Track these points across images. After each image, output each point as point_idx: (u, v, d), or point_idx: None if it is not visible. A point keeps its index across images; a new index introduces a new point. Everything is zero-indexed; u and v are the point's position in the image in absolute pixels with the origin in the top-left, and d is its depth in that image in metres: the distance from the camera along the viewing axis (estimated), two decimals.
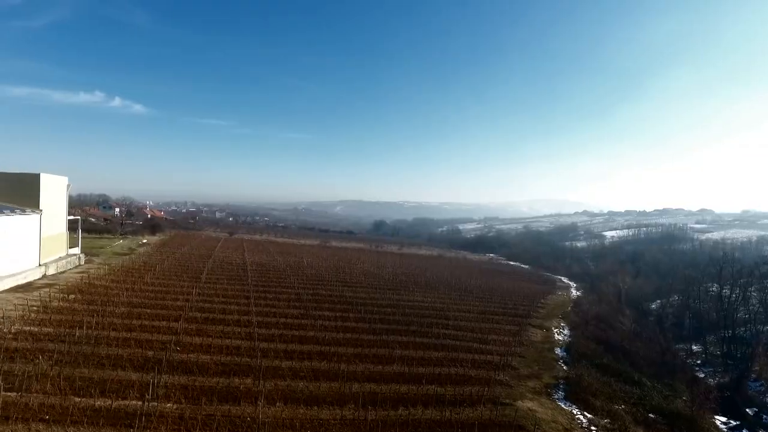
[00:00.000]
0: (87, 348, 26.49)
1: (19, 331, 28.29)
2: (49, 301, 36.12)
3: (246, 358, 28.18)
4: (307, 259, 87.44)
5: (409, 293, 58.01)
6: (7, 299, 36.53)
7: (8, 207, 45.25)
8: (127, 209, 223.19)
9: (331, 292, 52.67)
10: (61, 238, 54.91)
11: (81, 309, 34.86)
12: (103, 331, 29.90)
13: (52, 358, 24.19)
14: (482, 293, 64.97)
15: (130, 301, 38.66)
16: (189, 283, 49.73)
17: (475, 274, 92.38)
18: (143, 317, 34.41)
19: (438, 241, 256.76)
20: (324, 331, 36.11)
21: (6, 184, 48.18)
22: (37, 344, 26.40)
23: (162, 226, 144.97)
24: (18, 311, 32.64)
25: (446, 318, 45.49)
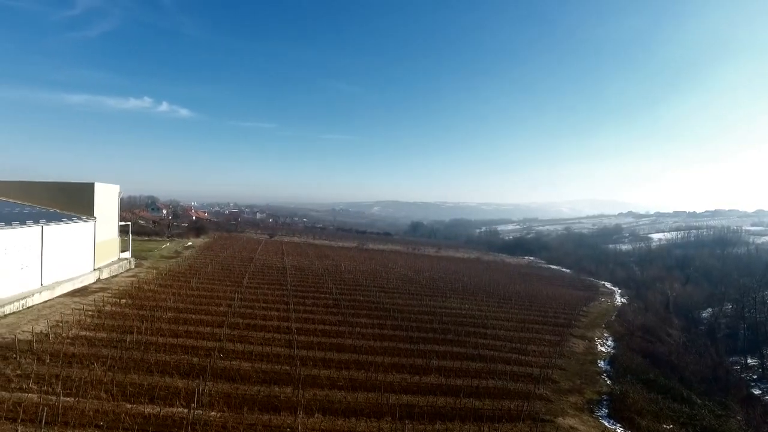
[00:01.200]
0: (137, 354, 27.82)
1: (76, 335, 29.99)
2: (102, 305, 38.16)
3: (285, 366, 28.81)
4: (344, 262, 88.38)
5: (447, 300, 57.67)
6: (66, 303, 38.85)
7: (66, 215, 48.09)
8: (173, 211, 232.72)
9: (369, 298, 53.05)
10: (113, 243, 57.85)
11: (131, 314, 36.60)
12: (152, 337, 31.31)
13: (106, 364, 25.54)
14: (521, 300, 63.81)
15: (177, 306, 40.26)
16: (232, 287, 51.33)
17: (513, 279, 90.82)
18: (189, 323, 35.80)
19: (475, 243, 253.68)
20: (361, 339, 36.44)
21: (64, 193, 51.27)
22: (92, 349, 27.92)
23: (206, 228, 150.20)
24: (75, 316, 34.64)
25: (484, 327, 44.98)
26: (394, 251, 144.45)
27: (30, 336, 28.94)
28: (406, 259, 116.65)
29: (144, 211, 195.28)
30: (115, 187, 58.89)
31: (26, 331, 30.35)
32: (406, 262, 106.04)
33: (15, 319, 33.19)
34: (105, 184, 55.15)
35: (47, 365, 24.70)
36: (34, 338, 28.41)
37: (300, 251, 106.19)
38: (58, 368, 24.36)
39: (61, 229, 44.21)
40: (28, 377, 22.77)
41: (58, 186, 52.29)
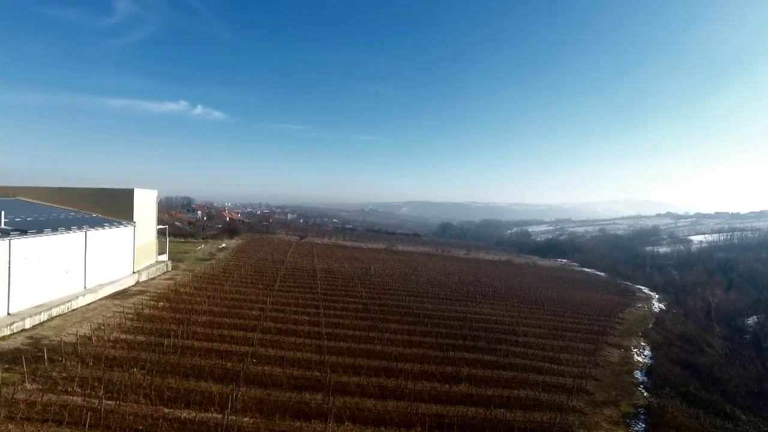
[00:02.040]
0: (174, 358, 28.72)
1: (117, 339, 31.21)
2: (141, 308, 39.57)
3: (316, 372, 29.16)
4: (373, 265, 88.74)
5: (477, 305, 57.12)
6: (107, 306, 40.49)
7: (107, 220, 50.10)
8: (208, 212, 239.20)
9: (398, 303, 53.11)
10: (151, 247, 59.89)
11: (168, 317, 37.80)
12: (188, 341, 32.25)
13: (145, 368, 26.47)
14: (554, 305, 62.57)
15: (211, 310, 41.35)
16: (264, 291, 52.35)
17: (546, 283, 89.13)
18: (223, 327, 36.70)
19: (506, 244, 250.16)
20: (391, 345, 36.51)
21: (105, 199, 53.44)
22: (132, 353, 28.98)
23: (239, 229, 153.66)
24: (116, 319, 36.05)
25: (515, 334, 44.35)
26: (424, 253, 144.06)
27: (74, 338, 30.29)
28: (436, 261, 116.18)
29: (180, 212, 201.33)
30: (153, 192, 60.96)
31: (71, 333, 31.79)
32: (435, 264, 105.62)
33: (61, 321, 34.83)
34: (144, 190, 57.15)
35: (90, 368, 25.79)
36: (78, 341, 29.71)
37: (330, 253, 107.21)
38: (101, 371, 25.40)
39: (102, 233, 46.07)
40: (73, 380, 23.83)
41: (99, 192, 54.55)
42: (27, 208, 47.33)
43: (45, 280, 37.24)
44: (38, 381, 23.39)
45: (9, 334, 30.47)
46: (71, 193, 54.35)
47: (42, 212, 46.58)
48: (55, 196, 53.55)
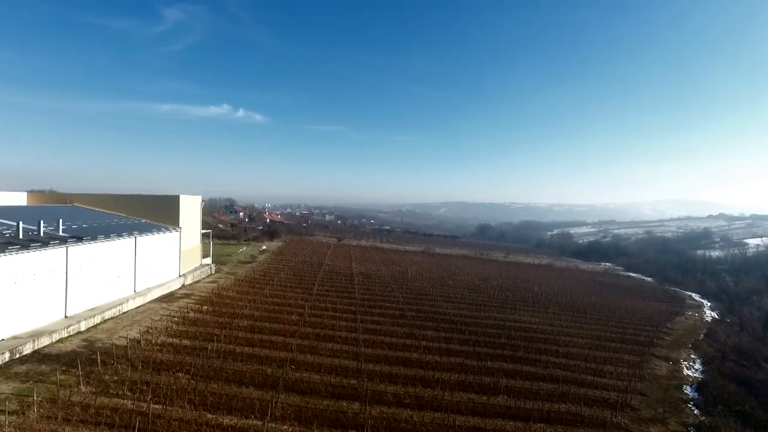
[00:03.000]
0: (217, 362, 29.67)
1: (164, 343, 32.54)
2: (186, 312, 41.12)
3: (353, 380, 29.43)
4: (411, 269, 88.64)
5: (516, 312, 56.05)
6: (155, 309, 42.31)
7: (155, 225, 52.34)
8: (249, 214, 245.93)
9: (435, 309, 52.84)
10: (196, 251, 62.13)
11: (212, 321, 39.10)
12: (230, 345, 33.27)
13: (189, 373, 27.48)
14: (597, 313, 60.58)
15: (252, 314, 42.44)
16: (302, 295, 53.28)
17: (588, 289, 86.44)
18: (263, 332, 37.63)
19: (547, 247, 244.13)
20: (427, 353, 36.39)
21: (153, 205, 55.89)
22: (177, 357, 30.15)
23: (279, 231, 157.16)
24: (163, 322, 37.63)
25: (556, 343, 43.23)
26: (461, 256, 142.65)
27: (125, 342, 31.82)
28: (474, 265, 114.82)
29: (223, 214, 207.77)
30: (197, 198, 63.24)
31: (122, 336, 33.41)
32: (473, 268, 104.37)
33: (113, 324, 36.65)
34: (188, 196, 59.39)
35: (139, 372, 27.01)
36: (128, 344, 31.18)
37: (367, 256, 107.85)
38: (149, 375, 26.57)
39: (150, 239, 48.16)
40: (123, 383, 25.03)
41: (147, 198, 57.11)
42: (82, 214, 50.07)
43: (98, 284, 39.28)
44: (92, 384, 24.69)
45: (66, 336, 32.33)
46: (122, 200, 57.15)
47: (96, 218, 49.16)
48: (107, 202, 56.45)
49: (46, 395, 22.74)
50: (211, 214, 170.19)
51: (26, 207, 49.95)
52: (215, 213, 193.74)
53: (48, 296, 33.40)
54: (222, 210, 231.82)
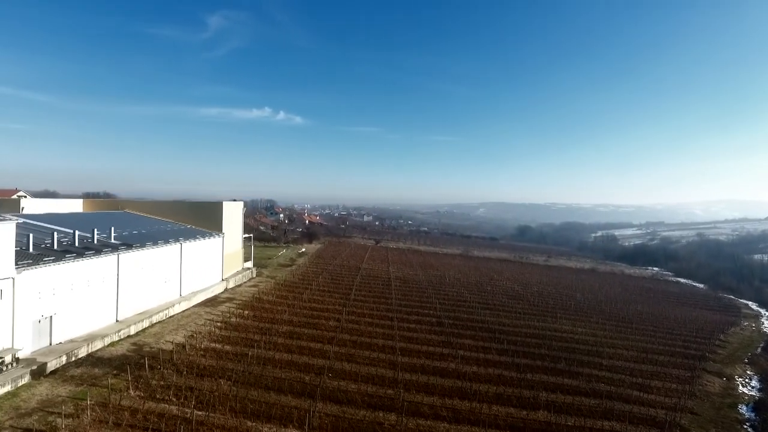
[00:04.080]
0: (257, 369, 30.38)
1: (207, 348, 33.63)
2: (228, 317, 42.36)
3: (389, 390, 29.42)
4: (448, 273, 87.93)
5: (557, 321, 54.57)
6: (199, 313, 43.80)
7: (199, 231, 54.21)
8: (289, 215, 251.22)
9: (473, 316, 52.17)
10: (238, 255, 63.94)
11: (252, 326, 40.09)
12: (269, 352, 33.98)
13: (231, 379, 28.27)
14: (644, 323, 58.12)
15: (291, 320, 43.24)
16: (340, 300, 53.84)
17: (634, 296, 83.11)
18: (302, 338, 38.25)
19: (590, 250, 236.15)
20: (465, 363, 35.95)
21: (197, 211, 57.94)
22: (220, 362, 31.08)
23: (317, 233, 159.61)
24: (206, 327, 38.90)
25: (600, 355, 41.74)
26: (500, 259, 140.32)
27: (171, 346, 33.10)
28: (513, 269, 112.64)
29: (264, 216, 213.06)
30: (239, 204, 65.11)
31: (168, 341, 34.78)
32: (512, 273, 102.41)
33: (160, 328, 38.21)
34: (231, 202, 61.28)
35: (184, 377, 28.02)
36: (174, 349, 32.42)
37: (404, 260, 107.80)
38: (192, 380, 27.53)
39: (195, 245, 49.91)
40: (169, 389, 26.02)
41: (192, 205, 59.31)
42: (132, 220, 52.49)
43: (147, 289, 41.06)
44: (140, 388, 25.80)
45: (117, 340, 33.96)
46: (168, 206, 59.55)
47: (144, 225, 51.40)
48: (155, 208, 58.95)
49: (98, 399, 23.94)
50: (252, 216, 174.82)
51: (82, 214, 52.83)
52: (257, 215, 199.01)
53: (101, 301, 35.19)
54: (263, 212, 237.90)
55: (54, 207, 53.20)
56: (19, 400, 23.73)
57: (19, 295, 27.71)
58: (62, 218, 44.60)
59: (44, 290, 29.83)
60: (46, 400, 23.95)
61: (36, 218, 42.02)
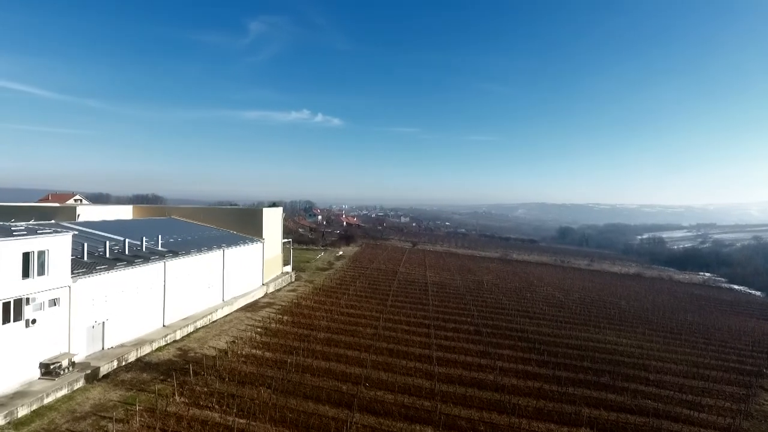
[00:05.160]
0: (296, 376, 30.93)
1: (248, 354, 34.52)
2: (268, 322, 43.33)
3: (426, 402, 29.27)
4: (486, 278, 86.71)
5: (600, 331, 52.79)
6: (240, 318, 45.04)
7: (241, 237, 55.75)
8: (327, 217, 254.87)
9: (512, 325, 51.22)
10: (277, 260, 65.33)
11: (291, 333, 40.86)
12: (308, 359, 34.52)
13: (271, 387, 28.88)
14: (694, 335, 55.37)
15: (329, 326, 43.77)
16: (377, 306, 54.08)
17: (683, 305, 79.31)
18: (339, 345, 38.66)
19: (635, 253, 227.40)
20: (503, 375, 35.35)
21: (238, 217, 59.63)
22: (260, 369, 31.84)
23: (355, 236, 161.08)
24: (247, 332, 39.95)
25: (646, 369, 40.06)
26: (540, 263, 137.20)
27: (214, 352, 34.20)
28: (554, 274, 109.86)
29: (302, 218, 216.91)
30: (279, 210, 66.58)
31: (211, 346, 35.93)
32: (553, 278, 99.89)
33: (203, 333, 39.52)
34: (271, 208, 62.83)
35: (226, 383, 28.86)
36: (217, 354, 33.47)
37: (441, 263, 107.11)
38: (234, 387, 28.33)
39: (237, 251, 51.35)
40: (212, 395, 26.88)
41: (234, 211, 61.11)
42: (178, 227, 54.53)
43: (191, 294, 42.57)
44: (185, 395, 26.77)
45: (164, 345, 35.37)
46: (211, 212, 61.58)
47: (189, 231, 53.31)
48: (199, 214, 61.06)
49: (146, 404, 25.01)
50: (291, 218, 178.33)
51: (131, 221, 55.30)
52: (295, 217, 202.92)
53: (148, 307, 36.76)
54: (302, 213, 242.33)
55: (106, 214, 55.98)
56: (75, 403, 25.12)
57: (74, 302, 29.33)
58: (113, 225, 46.87)
59: (97, 297, 31.44)
60: (98, 404, 25.23)
61: (90, 226, 44.35)
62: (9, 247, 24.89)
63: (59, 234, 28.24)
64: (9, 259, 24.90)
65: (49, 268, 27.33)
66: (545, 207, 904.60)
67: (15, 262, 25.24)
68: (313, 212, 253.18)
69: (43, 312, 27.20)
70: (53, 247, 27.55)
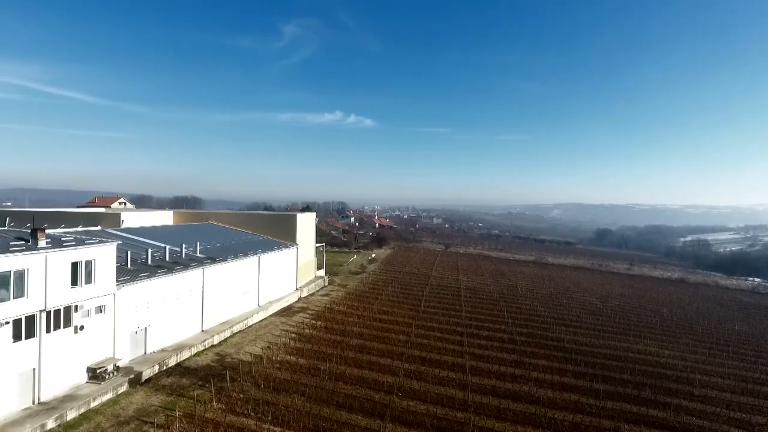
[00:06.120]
0: (329, 384, 31.23)
1: (283, 360, 35.10)
2: (302, 328, 43.96)
3: (459, 414, 28.99)
4: (520, 283, 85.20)
5: (641, 341, 50.96)
6: (275, 323, 45.86)
7: (275, 242, 56.79)
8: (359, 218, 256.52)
9: (547, 333, 50.12)
10: (311, 264, 66.21)
11: (325, 339, 41.30)
12: (341, 366, 34.80)
13: (305, 394, 29.27)
14: (743, 346, 52.70)
15: (362, 333, 44.00)
16: (410, 312, 54.01)
17: (731, 313, 75.62)
18: (372, 352, 38.80)
19: (678, 257, 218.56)
20: (539, 386, 34.61)
21: (273, 223, 60.84)
22: (294, 376, 32.31)
23: (387, 238, 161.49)
24: (282, 338, 40.64)
25: (690, 383, 38.39)
26: (576, 267, 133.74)
27: (249, 357, 34.95)
28: (591, 278, 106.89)
29: (335, 219, 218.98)
30: (312, 215, 67.54)
31: (247, 351, 36.74)
32: (590, 283, 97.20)
33: (240, 338, 40.46)
34: (304, 214, 63.82)
35: (261, 390, 29.43)
36: (253, 360, 34.19)
37: (475, 267, 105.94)
38: (269, 394, 28.85)
39: (272, 256, 52.34)
40: (248, 402, 27.47)
41: (269, 217, 62.39)
42: (216, 232, 56.06)
43: (228, 300, 43.67)
44: (222, 401, 27.46)
45: (202, 350, 36.42)
46: (247, 217, 63.10)
47: (226, 236, 54.71)
48: (235, 219, 62.64)
49: (185, 410, 25.80)
50: (324, 220, 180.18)
51: (172, 227, 57.07)
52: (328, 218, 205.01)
53: (188, 312, 37.93)
54: (334, 214, 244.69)
55: (148, 220, 58.09)
56: (119, 407, 26.18)
57: (119, 308, 30.59)
58: (155, 232, 48.61)
59: (140, 303, 32.69)
60: (141, 408, 26.21)
61: (133, 232, 46.16)
62: (59, 257, 26.20)
63: (105, 244, 29.50)
64: (59, 268, 26.21)
65: (96, 277, 28.60)
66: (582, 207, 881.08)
67: (65, 272, 26.55)
68: (345, 213, 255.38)
69: (90, 318, 28.49)
70: (99, 256, 28.81)
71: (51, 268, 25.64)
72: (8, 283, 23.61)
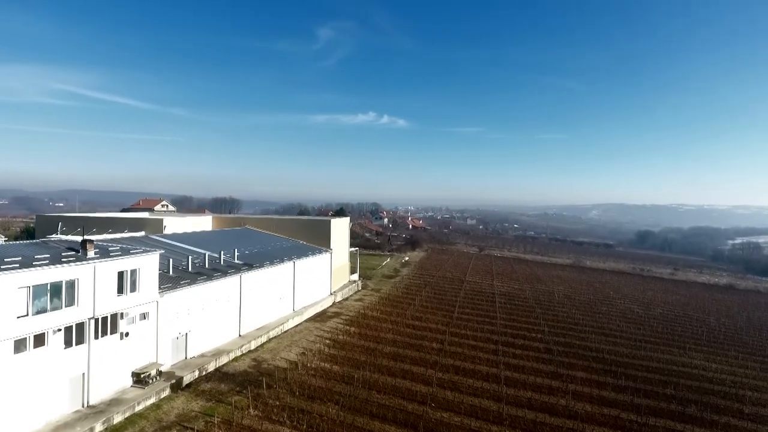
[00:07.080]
0: (363, 393, 31.43)
1: (317, 367, 35.58)
2: (336, 334, 44.43)
3: (494, 427, 28.61)
4: (557, 289, 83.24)
5: (686, 353, 48.86)
6: (309, 329, 46.52)
7: (310, 247, 57.62)
8: (393, 219, 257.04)
9: (585, 343, 48.77)
10: (344, 268, 66.83)
11: (358, 345, 41.59)
12: (374, 374, 34.95)
13: (339, 403, 29.58)
14: None
15: (395, 340, 44.06)
16: (443, 318, 53.70)
17: None
18: (405, 360, 38.79)
19: (727, 261, 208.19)
20: (576, 399, 33.73)
21: (307, 228, 61.79)
22: (328, 383, 32.69)
23: (420, 240, 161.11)
24: (316, 344, 41.20)
25: (740, 400, 36.51)
26: (616, 271, 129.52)
27: (285, 363, 35.61)
28: (632, 284, 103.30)
29: (369, 221, 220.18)
30: (346, 220, 68.28)
31: (283, 357, 37.45)
32: (631, 289, 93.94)
33: (275, 344, 41.26)
34: (338, 219, 64.63)
35: (296, 397, 29.94)
36: (288, 366, 34.82)
37: (509, 271, 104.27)
38: (304, 402, 29.32)
39: (307, 261, 53.14)
40: (283, 410, 27.99)
41: (304, 222, 63.41)
42: (252, 237, 57.38)
43: (264, 305, 44.62)
44: (259, 408, 28.09)
45: (239, 355, 37.35)
46: (282, 222, 64.36)
47: (262, 241, 55.91)
48: (271, 224, 63.99)
49: (224, 416, 26.55)
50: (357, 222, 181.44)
51: (210, 233, 58.70)
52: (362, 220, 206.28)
53: (226, 318, 38.99)
54: (368, 217, 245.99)
55: (189, 225, 59.99)
56: (161, 412, 27.19)
57: (161, 315, 31.77)
58: (195, 238, 50.20)
59: (181, 310, 33.85)
60: (182, 414, 27.13)
61: (174, 238, 47.79)
62: (107, 267, 27.46)
63: (148, 253, 30.71)
64: (106, 278, 27.47)
65: (140, 285, 29.82)
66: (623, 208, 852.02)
67: (111, 281, 27.81)
68: (379, 215, 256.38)
69: (135, 325, 29.73)
70: (143, 265, 30.02)
71: (99, 277, 26.91)
72: (60, 293, 24.94)
